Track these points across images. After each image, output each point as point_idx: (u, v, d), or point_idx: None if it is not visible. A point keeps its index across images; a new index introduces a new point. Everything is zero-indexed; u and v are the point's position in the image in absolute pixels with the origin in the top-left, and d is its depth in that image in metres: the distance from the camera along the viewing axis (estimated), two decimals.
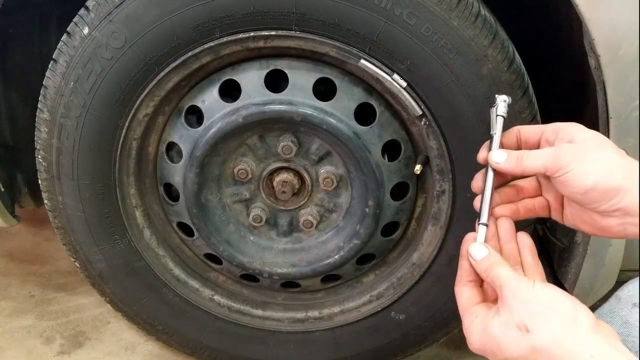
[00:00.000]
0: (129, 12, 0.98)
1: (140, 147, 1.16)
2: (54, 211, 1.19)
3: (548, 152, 0.73)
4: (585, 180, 0.69)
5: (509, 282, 0.66)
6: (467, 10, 0.94)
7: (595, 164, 0.69)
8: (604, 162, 0.69)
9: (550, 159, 0.72)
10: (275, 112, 1.06)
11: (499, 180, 0.80)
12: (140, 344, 1.50)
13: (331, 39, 0.98)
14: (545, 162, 0.72)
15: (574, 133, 0.73)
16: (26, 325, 1.56)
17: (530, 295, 0.64)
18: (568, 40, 1.06)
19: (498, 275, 0.68)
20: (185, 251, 1.30)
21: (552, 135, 0.75)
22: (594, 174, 0.69)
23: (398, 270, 1.22)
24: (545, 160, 0.72)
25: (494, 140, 0.78)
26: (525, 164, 0.74)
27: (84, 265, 1.25)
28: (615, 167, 0.69)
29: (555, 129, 0.75)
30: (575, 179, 0.70)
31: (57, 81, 1.06)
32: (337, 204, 1.18)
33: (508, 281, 0.66)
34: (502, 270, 0.69)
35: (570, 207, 0.77)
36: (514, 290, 0.65)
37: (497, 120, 0.79)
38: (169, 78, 1.06)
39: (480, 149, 0.80)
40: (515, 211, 0.80)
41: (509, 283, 0.66)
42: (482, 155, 0.79)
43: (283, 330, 1.29)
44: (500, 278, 0.68)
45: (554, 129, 0.75)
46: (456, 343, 1.47)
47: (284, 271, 1.22)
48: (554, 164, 0.71)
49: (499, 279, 0.68)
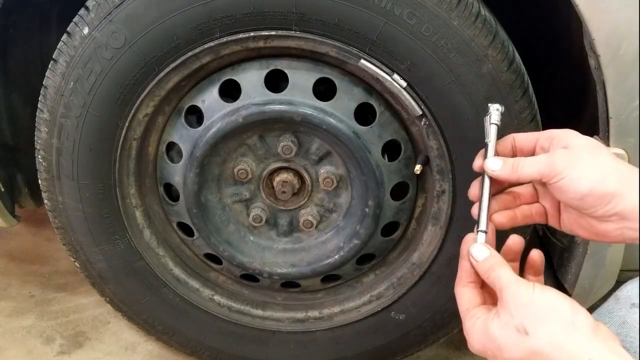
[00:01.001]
0: (129, 12, 0.98)
1: (140, 147, 1.16)
2: (54, 211, 1.19)
3: (543, 159, 0.73)
4: (580, 185, 0.69)
5: (510, 285, 0.67)
6: (467, 10, 0.94)
7: (589, 169, 0.70)
8: (598, 167, 0.70)
9: (545, 165, 0.72)
10: (275, 112, 1.06)
11: (496, 188, 0.80)
12: (140, 344, 1.50)
13: (331, 39, 0.98)
14: (540, 169, 0.72)
15: (569, 139, 0.73)
16: (26, 325, 1.56)
17: (530, 298, 0.64)
18: (568, 41, 1.06)
19: (499, 277, 0.69)
20: (185, 251, 1.30)
21: (547, 142, 0.75)
22: (588, 179, 0.69)
23: (398, 270, 1.22)
24: (540, 167, 0.72)
25: (489, 148, 0.78)
26: (520, 171, 0.74)
27: (84, 265, 1.25)
28: (609, 172, 0.69)
29: (549, 136, 0.76)
30: (570, 184, 0.70)
31: (57, 81, 1.06)
32: (337, 204, 1.18)
33: (509, 284, 0.67)
34: (503, 272, 0.69)
35: (567, 213, 0.78)
36: (514, 294, 0.66)
37: (491, 129, 0.79)
38: (169, 78, 1.06)
39: (476, 157, 0.80)
40: (512, 217, 0.80)
41: (509, 286, 0.67)
42: (478, 163, 0.79)
43: (283, 330, 1.29)
44: (501, 280, 0.68)
45: (549, 135, 0.76)
46: (456, 343, 1.47)
47: (284, 271, 1.22)
48: (549, 170, 0.71)
49: (500, 281, 0.68)
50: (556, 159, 0.72)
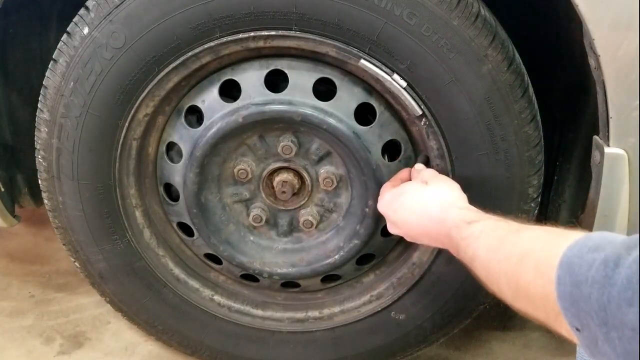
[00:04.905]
0: (129, 12, 0.98)
1: (140, 147, 1.16)
2: (54, 211, 1.19)
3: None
4: None
5: (425, 170, 1.04)
6: (467, 10, 0.94)
7: None
8: None
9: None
10: (275, 112, 1.06)
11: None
12: (140, 344, 1.50)
13: (331, 39, 0.98)
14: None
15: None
16: (26, 325, 1.56)
17: (433, 174, 1.02)
18: (568, 41, 1.06)
19: (422, 169, 1.05)
20: (185, 251, 1.30)
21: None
22: None
23: (398, 270, 1.22)
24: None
25: None
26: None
27: (84, 265, 1.25)
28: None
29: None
30: None
31: (57, 81, 1.06)
32: (337, 204, 1.18)
33: (427, 169, 1.05)
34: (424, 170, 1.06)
35: None
36: (426, 171, 1.04)
37: None
38: (169, 78, 1.06)
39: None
40: None
41: (426, 170, 1.04)
42: None
43: (283, 330, 1.29)
44: (421, 171, 1.04)
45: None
46: (456, 343, 1.47)
47: (284, 271, 1.22)
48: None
49: (422, 170, 1.05)
50: None
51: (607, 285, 0.52)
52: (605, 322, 0.52)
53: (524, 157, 1.02)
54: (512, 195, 1.06)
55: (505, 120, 0.99)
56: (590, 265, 0.55)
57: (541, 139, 1.04)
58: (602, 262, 0.54)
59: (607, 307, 0.52)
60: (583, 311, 0.55)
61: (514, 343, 1.49)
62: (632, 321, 0.49)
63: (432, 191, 0.95)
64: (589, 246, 0.58)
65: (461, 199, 0.94)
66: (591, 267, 0.55)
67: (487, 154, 1.02)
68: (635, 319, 0.49)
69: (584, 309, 0.54)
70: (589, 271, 0.54)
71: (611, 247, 0.55)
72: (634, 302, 0.49)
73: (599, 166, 0.97)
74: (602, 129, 0.96)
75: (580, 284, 0.55)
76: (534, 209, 1.09)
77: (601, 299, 0.52)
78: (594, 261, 0.55)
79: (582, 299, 0.54)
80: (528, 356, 1.45)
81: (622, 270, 0.52)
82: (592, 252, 0.56)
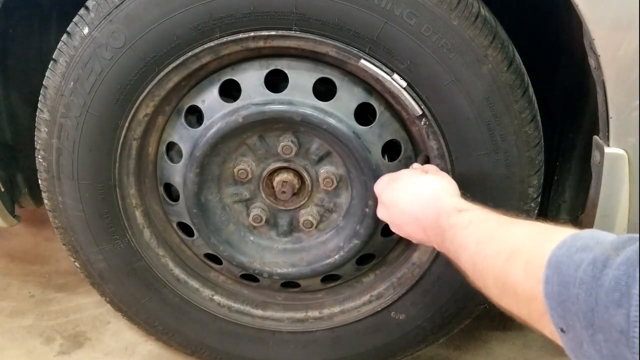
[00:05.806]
0: (129, 12, 0.98)
1: (140, 147, 1.16)
2: (54, 211, 1.19)
3: None
4: None
5: (426, 165, 1.06)
6: (467, 10, 0.94)
7: None
8: None
9: None
10: (275, 112, 1.06)
11: None
12: (140, 344, 1.50)
13: (331, 39, 0.98)
14: None
15: None
16: (26, 325, 1.56)
17: (434, 168, 1.04)
18: (568, 40, 1.06)
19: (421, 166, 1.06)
20: (185, 251, 1.30)
21: None
22: None
23: (398, 270, 1.22)
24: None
25: None
26: None
27: (84, 265, 1.25)
28: None
29: None
30: None
31: (57, 81, 1.06)
32: (337, 204, 1.18)
33: (425, 165, 1.06)
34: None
35: None
36: (427, 165, 1.05)
37: None
38: (169, 78, 1.06)
39: None
40: None
41: (426, 165, 1.05)
42: None
43: (283, 330, 1.29)
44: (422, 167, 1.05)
45: None
46: (456, 343, 1.47)
47: (284, 271, 1.22)
48: None
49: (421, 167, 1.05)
50: None
51: (595, 287, 0.51)
52: (592, 323, 0.51)
53: (524, 157, 1.02)
54: (512, 195, 1.06)
55: (505, 120, 0.99)
56: (578, 265, 0.54)
57: (541, 139, 1.04)
58: (591, 263, 0.53)
59: (594, 309, 0.51)
60: (570, 312, 0.54)
61: (514, 343, 1.49)
62: (619, 323, 0.48)
63: (428, 178, 0.96)
64: (578, 246, 0.57)
65: (455, 190, 0.93)
66: (579, 267, 0.54)
67: (487, 154, 1.02)
68: (622, 321, 0.48)
69: (570, 310, 0.54)
70: (577, 271, 0.54)
71: (600, 247, 0.54)
72: (622, 303, 0.48)
73: (599, 166, 0.97)
74: (602, 129, 0.96)
75: (568, 284, 0.54)
76: (534, 209, 1.09)
77: (589, 299, 0.51)
78: (582, 261, 0.54)
79: (570, 299, 0.54)
80: (528, 356, 1.45)
81: (610, 272, 0.51)
82: (580, 252, 0.55)
